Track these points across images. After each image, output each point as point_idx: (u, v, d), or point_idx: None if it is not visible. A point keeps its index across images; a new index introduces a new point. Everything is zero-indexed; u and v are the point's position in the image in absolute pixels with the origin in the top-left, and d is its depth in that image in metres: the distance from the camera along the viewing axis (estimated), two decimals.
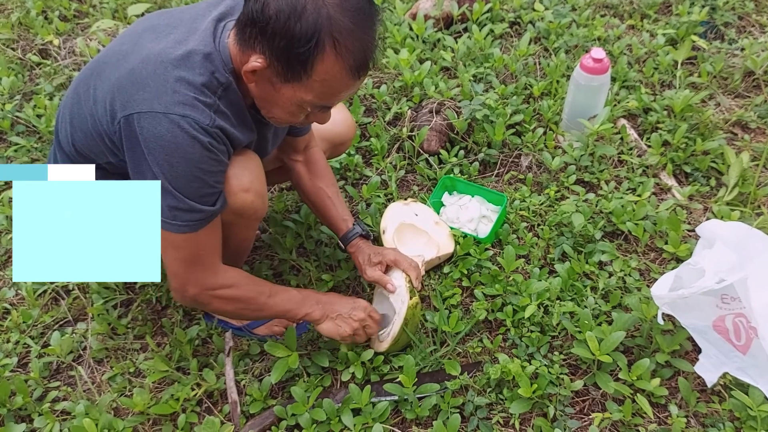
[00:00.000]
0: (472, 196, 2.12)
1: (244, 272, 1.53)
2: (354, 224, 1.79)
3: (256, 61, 1.22)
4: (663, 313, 1.51)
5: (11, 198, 2.21)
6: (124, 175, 1.45)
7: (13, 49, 2.88)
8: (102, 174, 1.48)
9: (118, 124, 1.26)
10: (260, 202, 1.48)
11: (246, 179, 1.42)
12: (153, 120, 1.21)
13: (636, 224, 1.92)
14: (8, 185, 2.31)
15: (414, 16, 2.79)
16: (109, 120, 1.28)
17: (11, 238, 2.11)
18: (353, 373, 1.64)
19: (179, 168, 1.24)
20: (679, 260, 1.84)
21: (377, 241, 1.98)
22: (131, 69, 1.26)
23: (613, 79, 2.44)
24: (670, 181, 2.12)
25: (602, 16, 2.85)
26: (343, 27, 1.17)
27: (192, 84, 1.24)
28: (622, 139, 2.23)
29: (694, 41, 2.56)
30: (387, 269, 1.75)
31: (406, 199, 2.05)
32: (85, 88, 1.36)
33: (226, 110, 1.30)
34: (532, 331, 1.72)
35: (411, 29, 2.74)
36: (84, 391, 1.71)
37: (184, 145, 1.22)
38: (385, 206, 2.05)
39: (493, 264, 1.91)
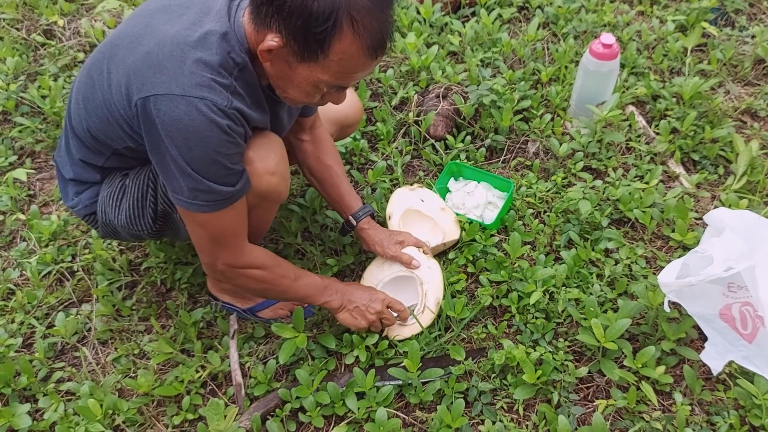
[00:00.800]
0: (479, 182, 2.11)
1: (270, 253, 1.53)
2: (364, 203, 1.81)
3: (272, 41, 1.20)
4: (669, 301, 1.51)
5: (16, 178, 2.20)
6: (142, 160, 1.46)
7: (17, 29, 2.87)
8: (120, 160, 1.49)
9: (135, 108, 1.24)
10: (284, 185, 1.48)
11: (272, 162, 1.41)
12: (170, 102, 1.20)
13: (643, 212, 1.91)
14: (12, 165, 2.31)
15: (422, 0, 2.76)
16: (126, 104, 1.27)
17: (15, 219, 2.11)
18: (357, 356, 1.65)
19: (197, 151, 1.23)
20: (686, 248, 1.83)
21: (383, 225, 1.97)
22: (147, 52, 1.24)
23: (622, 66, 2.42)
24: (678, 169, 2.10)
25: (612, 1, 2.81)
26: (361, 6, 1.16)
27: (209, 65, 1.22)
28: (630, 126, 2.21)
29: (704, 28, 2.53)
30: None
31: (412, 185, 2.04)
32: (99, 72, 1.34)
33: (242, 91, 1.29)
34: (537, 318, 1.71)
35: (418, 13, 2.72)
36: (89, 372, 1.71)
37: (203, 129, 1.21)
38: (391, 191, 2.04)
39: (498, 250, 1.90)
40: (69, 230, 2.06)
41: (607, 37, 2.07)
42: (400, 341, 1.69)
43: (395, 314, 1.67)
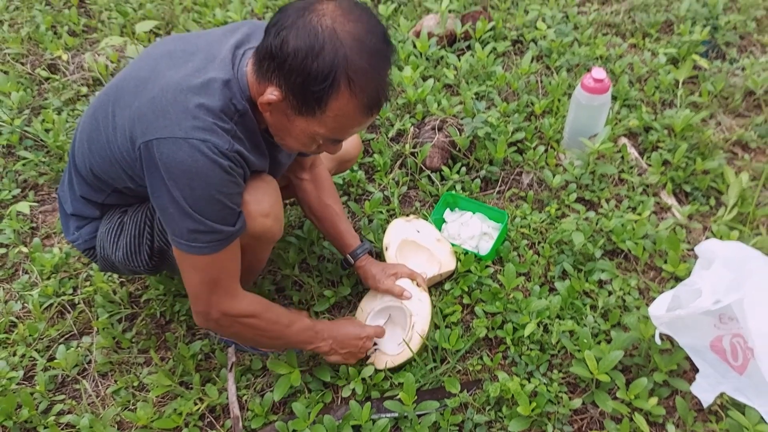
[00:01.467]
0: (474, 213, 2.14)
1: (261, 298, 1.54)
2: (362, 240, 1.85)
3: (272, 94, 1.24)
4: (661, 333, 1.53)
5: (19, 211, 2.24)
6: (142, 198, 1.50)
7: (22, 63, 2.93)
8: (119, 198, 1.52)
9: (138, 151, 1.27)
10: (278, 226, 1.51)
11: (266, 204, 1.44)
12: (173, 145, 1.23)
13: (636, 243, 1.94)
14: (16, 198, 2.35)
15: (418, 34, 2.82)
16: (129, 147, 1.30)
17: (18, 252, 2.14)
18: (354, 389, 1.67)
19: (199, 191, 1.25)
20: (679, 279, 1.86)
21: (380, 257, 2.00)
22: (152, 97, 1.27)
23: (615, 98, 2.47)
24: (670, 201, 2.14)
25: (604, 35, 2.87)
26: (358, 67, 1.19)
27: (211, 110, 1.26)
28: (622, 157, 2.25)
29: (695, 60, 2.59)
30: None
31: (408, 216, 2.07)
32: (104, 114, 1.38)
33: (242, 136, 1.32)
34: (531, 349, 1.74)
35: (415, 47, 2.78)
36: (88, 404, 1.73)
37: (205, 169, 1.24)
38: (388, 222, 2.07)
39: (493, 281, 1.93)
40: (71, 263, 2.09)
41: (599, 72, 2.12)
42: (390, 370, 1.71)
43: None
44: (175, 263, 1.53)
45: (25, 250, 2.15)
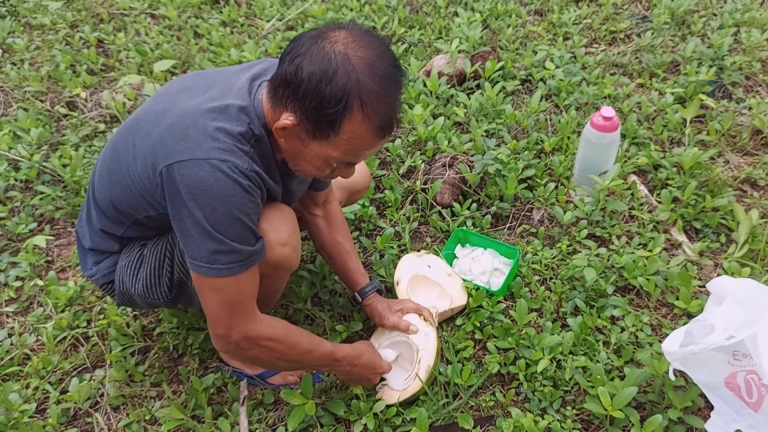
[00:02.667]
0: (485, 249, 2.16)
1: (282, 321, 1.53)
2: (371, 279, 1.86)
3: (287, 119, 1.28)
4: (674, 369, 1.52)
5: (35, 245, 2.27)
6: (161, 230, 1.53)
7: (41, 101, 3.00)
8: (139, 230, 1.55)
9: (159, 176, 1.30)
10: (296, 255, 1.54)
11: (284, 233, 1.47)
12: (194, 166, 1.26)
13: (647, 279, 1.94)
14: (32, 232, 2.38)
15: (428, 73, 2.88)
16: (151, 173, 1.33)
17: (33, 285, 2.16)
18: (366, 424, 1.66)
19: (221, 210, 1.27)
20: (691, 316, 1.85)
21: (391, 292, 2.01)
22: (171, 124, 1.32)
23: (624, 136, 2.50)
24: (681, 237, 2.15)
25: (612, 74, 2.93)
26: (370, 90, 1.24)
27: (230, 133, 1.30)
28: (632, 194, 2.27)
29: (702, 100, 2.62)
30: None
31: (419, 251, 2.09)
32: (124, 146, 1.41)
33: (258, 159, 1.36)
34: (544, 386, 1.73)
35: (425, 86, 2.83)
36: None
37: (226, 188, 1.27)
38: (399, 257, 2.09)
39: (505, 317, 1.93)
40: (85, 296, 2.11)
41: (607, 110, 2.15)
42: (401, 404, 1.70)
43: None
44: (192, 295, 1.54)
45: (40, 283, 2.17)
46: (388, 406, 1.69)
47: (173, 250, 1.52)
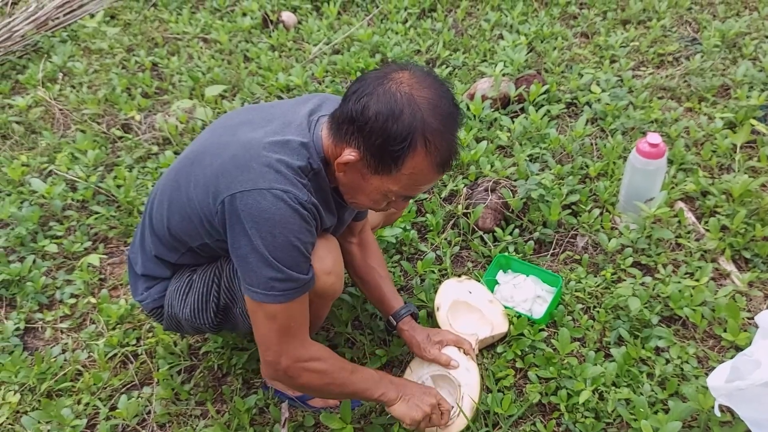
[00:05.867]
0: (527, 276, 2.14)
1: (324, 346, 1.55)
2: (406, 302, 1.88)
3: (350, 155, 1.33)
4: (720, 405, 1.49)
5: (89, 263, 2.36)
6: (213, 258, 1.59)
7: (98, 123, 3.13)
8: (192, 257, 1.60)
9: (220, 204, 1.35)
10: (340, 283, 1.58)
11: (329, 262, 1.51)
12: (258, 196, 1.31)
13: (694, 310, 1.90)
14: (87, 251, 2.47)
15: (472, 97, 2.90)
16: (211, 202, 1.38)
17: (87, 302, 2.25)
18: None
19: (281, 239, 1.32)
20: (739, 349, 1.81)
21: (431, 317, 2.02)
22: (234, 155, 1.37)
23: (671, 162, 2.46)
24: (729, 267, 2.10)
25: (659, 98, 2.89)
26: (434, 128, 1.30)
27: (290, 166, 1.35)
28: (679, 222, 2.23)
29: (753, 125, 2.56)
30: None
31: (460, 276, 2.09)
32: (185, 176, 1.47)
33: (315, 192, 1.41)
34: (586, 417, 1.71)
35: (468, 109, 2.84)
36: None
37: (287, 216, 1.32)
38: (440, 282, 2.10)
39: (547, 346, 1.91)
40: (135, 314, 2.18)
41: (654, 137, 2.12)
42: None
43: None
44: (236, 321, 1.59)
45: (93, 300, 2.25)
46: None
47: (221, 276, 1.57)
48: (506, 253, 2.22)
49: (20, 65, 3.72)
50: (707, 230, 2.20)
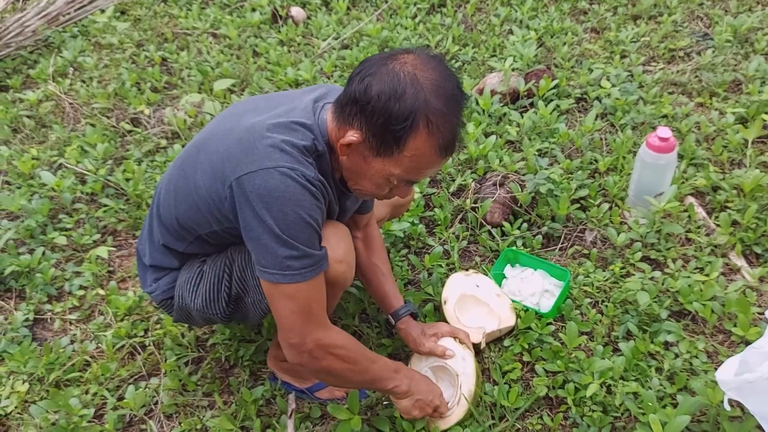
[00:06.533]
0: (535, 270, 2.13)
1: (346, 332, 1.53)
2: (406, 302, 1.87)
3: (352, 136, 1.33)
4: (729, 399, 1.47)
5: (98, 255, 2.37)
6: (221, 246, 1.58)
7: (108, 117, 3.14)
8: (200, 246, 1.60)
9: (229, 188, 1.34)
10: (351, 272, 1.57)
11: (341, 251, 1.51)
12: (265, 175, 1.30)
13: (703, 305, 1.88)
14: (96, 243, 2.49)
15: (481, 92, 2.89)
16: (219, 187, 1.38)
17: (95, 294, 2.26)
18: None
19: (292, 216, 1.31)
20: (749, 344, 1.77)
21: (438, 311, 2.02)
22: (239, 138, 1.37)
23: (681, 157, 2.44)
24: (740, 262, 2.08)
25: (670, 93, 2.86)
26: (436, 109, 1.28)
27: (296, 146, 1.34)
28: (689, 217, 2.21)
29: (765, 120, 2.54)
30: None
31: (467, 270, 2.08)
32: (191, 163, 1.47)
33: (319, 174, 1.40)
34: (594, 411, 1.70)
35: (477, 104, 2.83)
36: None
37: (297, 193, 1.31)
38: (447, 276, 2.09)
39: (555, 339, 1.90)
40: (143, 306, 2.19)
41: (664, 131, 2.11)
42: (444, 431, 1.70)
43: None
44: (247, 311, 1.59)
45: (101, 292, 2.26)
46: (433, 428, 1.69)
47: (232, 266, 1.56)
48: (514, 248, 2.21)
49: (31, 60, 3.75)
50: (717, 225, 2.18)
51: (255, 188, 1.30)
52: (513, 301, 1.99)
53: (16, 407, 1.89)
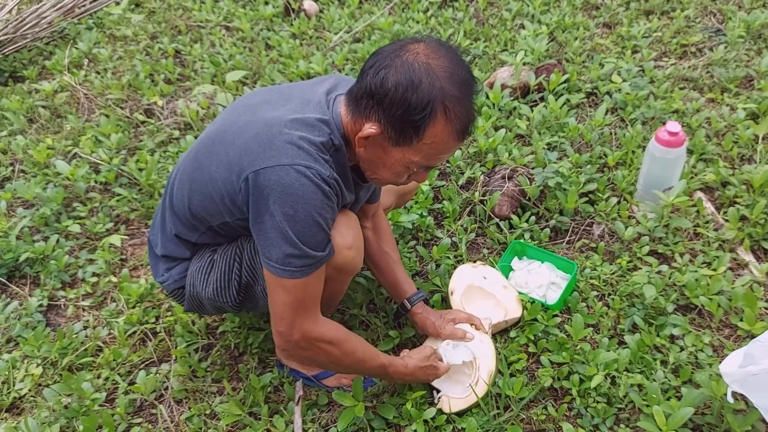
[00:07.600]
0: (542, 262, 2.15)
1: (341, 327, 1.57)
2: (418, 289, 1.90)
3: (371, 128, 1.35)
4: (734, 392, 1.48)
5: (111, 243, 2.41)
6: (232, 237, 1.61)
7: (122, 108, 3.18)
8: (212, 236, 1.63)
9: (244, 181, 1.37)
10: (359, 258, 1.60)
11: (350, 237, 1.54)
12: (281, 171, 1.32)
13: (710, 299, 1.89)
14: (109, 232, 2.52)
15: (491, 85, 2.89)
16: (234, 180, 1.40)
17: (108, 281, 2.29)
18: (415, 430, 1.68)
19: (302, 214, 1.34)
20: (755, 338, 1.79)
21: (446, 302, 2.03)
22: (256, 133, 1.39)
23: (691, 152, 2.44)
24: (748, 257, 2.08)
25: (681, 89, 2.86)
26: (452, 95, 1.31)
27: (312, 142, 1.37)
28: (698, 212, 2.22)
29: None
30: None
31: (474, 262, 2.10)
32: (207, 155, 1.49)
33: (336, 168, 1.42)
34: (598, 402, 1.71)
35: (488, 97, 2.84)
36: (164, 429, 1.81)
37: (310, 192, 1.33)
38: (455, 268, 2.11)
39: (560, 331, 1.92)
40: (154, 293, 2.22)
41: (673, 125, 2.11)
42: (457, 414, 1.72)
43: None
44: (257, 299, 1.62)
45: (114, 280, 2.30)
46: (438, 413, 1.71)
47: (242, 255, 1.59)
48: (522, 240, 2.22)
49: (47, 51, 3.80)
50: (726, 220, 2.18)
51: (270, 183, 1.32)
52: (520, 293, 2.01)
53: (30, 390, 1.93)
